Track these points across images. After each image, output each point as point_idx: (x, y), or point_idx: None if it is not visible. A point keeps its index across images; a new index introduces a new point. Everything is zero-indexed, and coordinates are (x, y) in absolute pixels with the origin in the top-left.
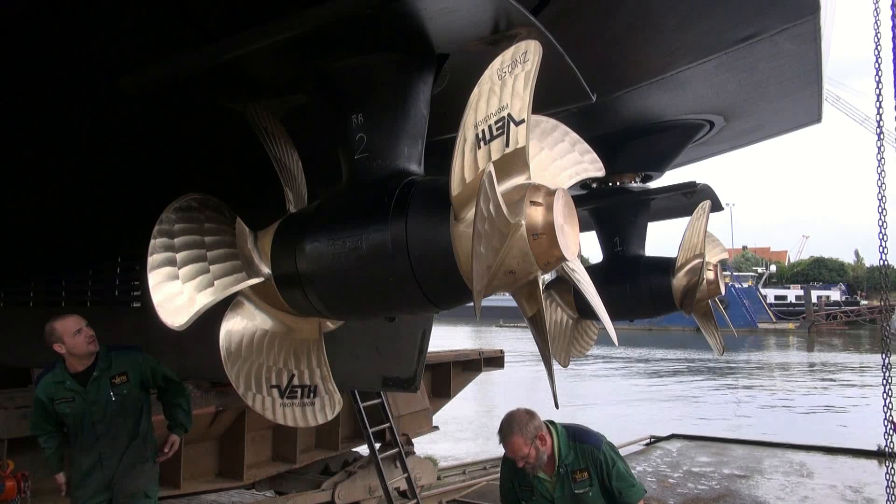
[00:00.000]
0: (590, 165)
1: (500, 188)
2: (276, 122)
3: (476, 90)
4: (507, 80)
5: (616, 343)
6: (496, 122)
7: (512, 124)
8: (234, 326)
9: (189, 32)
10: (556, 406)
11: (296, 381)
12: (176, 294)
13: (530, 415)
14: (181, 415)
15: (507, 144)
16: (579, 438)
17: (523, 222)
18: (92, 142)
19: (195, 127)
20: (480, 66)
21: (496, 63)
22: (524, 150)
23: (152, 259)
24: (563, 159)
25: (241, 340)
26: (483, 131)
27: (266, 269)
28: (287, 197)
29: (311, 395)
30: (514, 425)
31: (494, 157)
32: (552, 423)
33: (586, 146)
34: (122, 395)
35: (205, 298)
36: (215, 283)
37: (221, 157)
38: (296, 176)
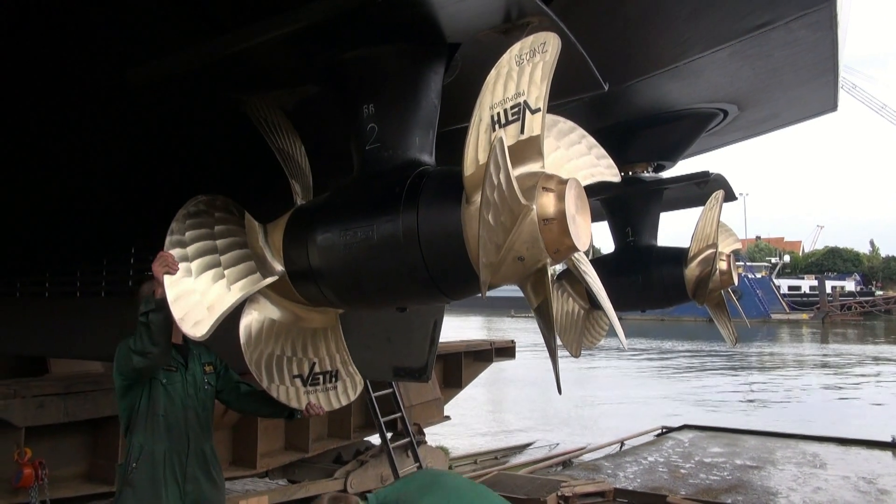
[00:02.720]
0: (606, 170)
1: (514, 172)
2: (279, 114)
3: (494, 72)
4: (525, 68)
5: (625, 346)
6: (512, 108)
7: (528, 112)
8: (253, 322)
9: (199, 24)
10: (559, 391)
11: (317, 369)
12: (195, 305)
13: None
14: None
15: (522, 131)
16: None
17: (534, 207)
18: (106, 134)
19: (207, 118)
20: (492, 56)
21: (515, 48)
22: (539, 138)
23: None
24: (578, 160)
25: (260, 335)
26: (498, 114)
27: (279, 267)
28: (294, 189)
29: (333, 379)
30: None
31: (509, 142)
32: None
33: (603, 151)
34: (211, 385)
35: (222, 306)
36: (231, 287)
37: (234, 148)
38: (302, 167)
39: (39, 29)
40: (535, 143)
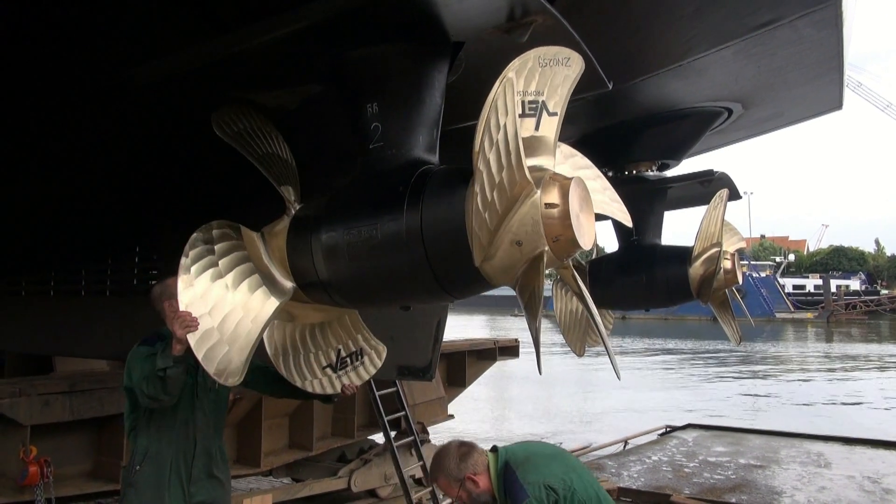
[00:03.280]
0: (619, 212)
1: (526, 162)
2: (254, 117)
3: (518, 62)
4: (548, 71)
5: (619, 378)
6: (530, 102)
7: (545, 112)
8: (276, 333)
9: (201, 24)
10: (540, 372)
11: (343, 353)
12: (225, 356)
13: (462, 453)
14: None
15: (537, 128)
16: (508, 487)
17: (538, 191)
18: (110, 133)
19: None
20: (495, 56)
21: (540, 50)
22: (553, 139)
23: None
24: (593, 195)
25: (284, 340)
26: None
27: (289, 284)
28: (286, 196)
29: (360, 357)
30: (439, 466)
31: (523, 134)
32: (497, 456)
33: (616, 195)
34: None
35: (248, 345)
36: (252, 323)
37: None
38: (290, 166)
39: (42, 29)
40: (548, 143)
